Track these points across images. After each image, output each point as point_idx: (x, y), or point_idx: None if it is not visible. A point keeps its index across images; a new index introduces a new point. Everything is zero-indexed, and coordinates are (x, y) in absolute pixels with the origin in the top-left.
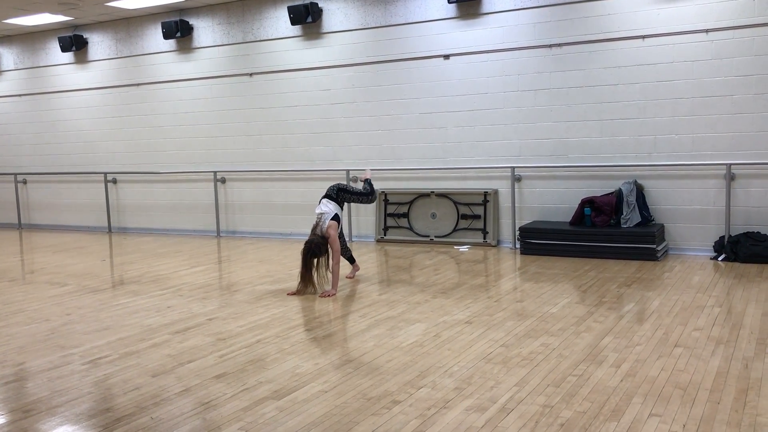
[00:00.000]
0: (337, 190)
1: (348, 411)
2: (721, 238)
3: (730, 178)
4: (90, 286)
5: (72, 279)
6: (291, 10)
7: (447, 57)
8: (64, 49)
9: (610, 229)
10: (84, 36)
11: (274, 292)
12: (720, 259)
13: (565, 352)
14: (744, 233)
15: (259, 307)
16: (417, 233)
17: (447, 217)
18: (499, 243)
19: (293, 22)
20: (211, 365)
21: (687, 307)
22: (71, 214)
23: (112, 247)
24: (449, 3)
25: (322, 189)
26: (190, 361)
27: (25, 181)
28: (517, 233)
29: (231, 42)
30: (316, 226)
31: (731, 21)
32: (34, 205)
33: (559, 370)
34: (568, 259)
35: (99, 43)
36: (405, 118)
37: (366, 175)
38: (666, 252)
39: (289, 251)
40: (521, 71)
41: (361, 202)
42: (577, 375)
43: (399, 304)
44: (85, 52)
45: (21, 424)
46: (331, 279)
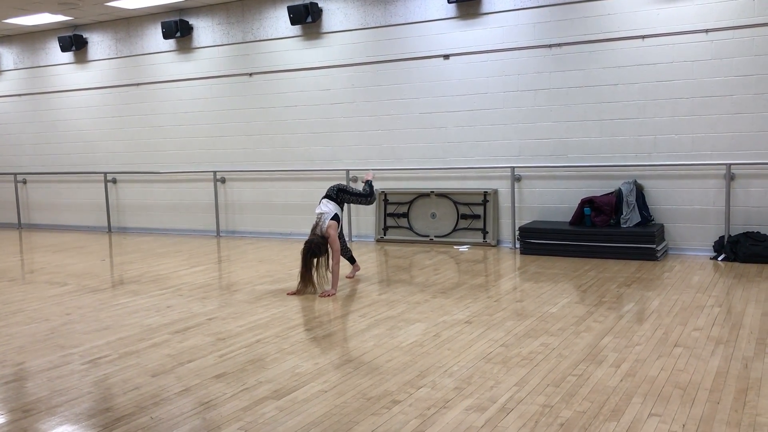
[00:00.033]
0: (337, 191)
1: (348, 411)
2: (721, 238)
3: (730, 178)
4: (90, 286)
5: (72, 279)
6: (291, 10)
7: (447, 57)
8: (63, 48)
9: (609, 229)
10: (84, 36)
11: (274, 291)
12: (720, 259)
13: (565, 351)
14: (744, 233)
15: (259, 307)
16: (417, 233)
17: (447, 217)
18: (498, 243)
19: (293, 22)
20: (210, 365)
21: (687, 307)
22: (71, 213)
23: (111, 246)
24: (449, 3)
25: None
26: (189, 361)
27: (24, 181)
28: (516, 233)
29: (231, 42)
30: (316, 226)
31: (731, 21)
32: (33, 205)
33: (558, 370)
34: (567, 259)
35: (99, 43)
36: (405, 118)
37: (368, 176)
38: (666, 252)
39: (288, 251)
40: (521, 71)
41: (359, 203)
42: (576, 375)
43: (399, 303)
44: (85, 52)
45: (21, 424)
46: (330, 279)
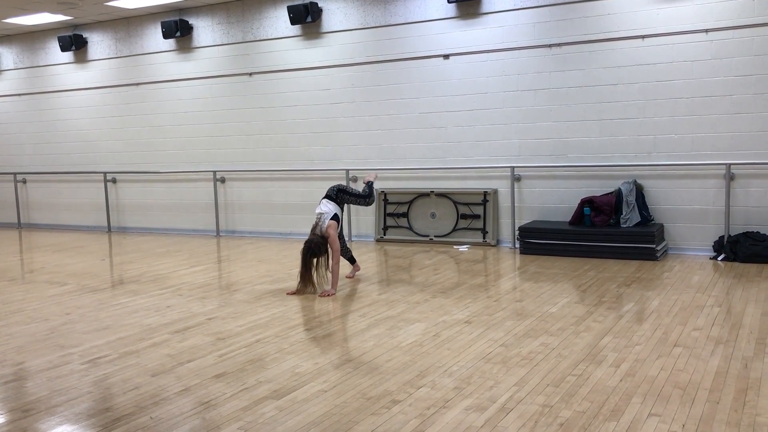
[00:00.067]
0: (337, 191)
1: (347, 410)
2: (721, 237)
3: (730, 177)
4: (89, 286)
5: (71, 278)
6: (291, 9)
7: (447, 57)
8: (63, 48)
9: (609, 229)
10: (84, 35)
11: (274, 291)
12: (719, 258)
13: (565, 351)
14: (743, 233)
15: (259, 307)
16: (416, 233)
17: (446, 216)
18: (498, 243)
19: (293, 22)
20: (210, 365)
21: (686, 306)
22: (71, 213)
23: (111, 246)
24: (449, 3)
25: (322, 189)
26: (189, 361)
27: (24, 181)
28: (516, 233)
29: (231, 41)
30: (316, 226)
31: (731, 21)
32: (33, 205)
33: (558, 370)
34: (567, 258)
35: (98, 43)
36: (404, 118)
37: (370, 177)
38: (665, 252)
39: (288, 251)
40: (521, 71)
41: (358, 203)
42: (576, 375)
43: (398, 303)
44: (85, 52)
45: (20, 424)
46: (330, 279)
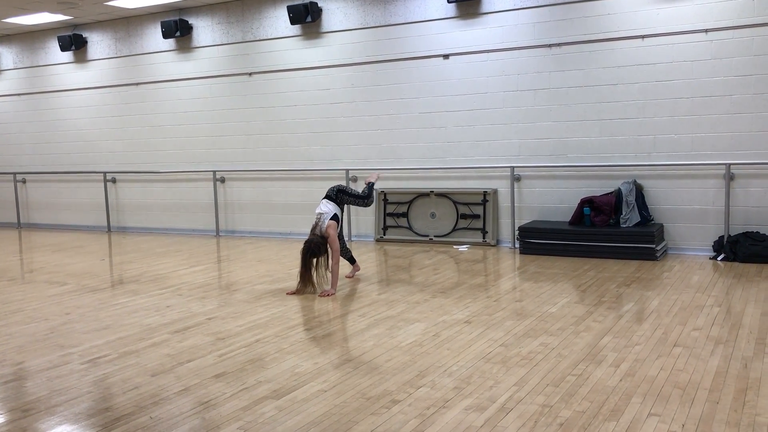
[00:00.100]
0: (337, 191)
1: (347, 410)
2: (721, 237)
3: (730, 177)
4: (89, 286)
5: (71, 278)
6: (290, 9)
7: (446, 57)
8: (63, 48)
9: (609, 229)
10: (83, 35)
11: (274, 291)
12: (719, 258)
13: (565, 351)
14: (743, 233)
15: (259, 307)
16: (416, 233)
17: (446, 216)
18: (498, 243)
19: (293, 22)
20: (210, 365)
21: (686, 306)
22: (70, 213)
23: (111, 246)
24: (449, 2)
25: (322, 188)
26: (189, 361)
27: (24, 181)
28: (516, 233)
29: (230, 41)
30: (316, 226)
31: (730, 21)
32: (33, 205)
33: (558, 370)
34: (567, 258)
35: (98, 43)
36: (404, 118)
37: (372, 178)
38: (665, 252)
39: (288, 251)
40: (521, 71)
41: (357, 204)
42: (576, 375)
43: (398, 303)
44: (85, 52)
45: (20, 424)
46: (330, 279)
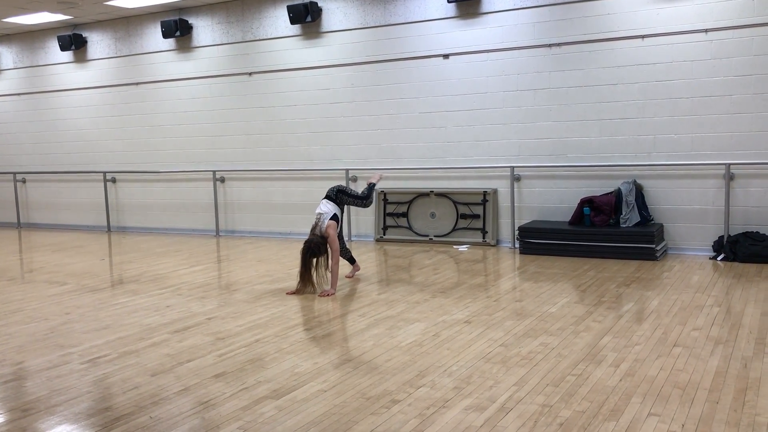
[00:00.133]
0: (336, 191)
1: (347, 410)
2: (720, 237)
3: (730, 177)
4: (89, 286)
5: (71, 278)
6: (290, 9)
7: (446, 56)
8: (63, 48)
9: (609, 229)
10: (83, 35)
11: (273, 291)
12: (719, 258)
13: (564, 351)
14: (743, 233)
15: (258, 307)
16: (416, 233)
17: (446, 216)
18: (498, 242)
19: (293, 22)
20: (210, 364)
21: (686, 306)
22: (70, 213)
23: (111, 246)
24: (449, 2)
25: (321, 188)
26: (189, 361)
27: (24, 180)
28: (516, 233)
29: (230, 41)
30: (315, 226)
31: (730, 21)
32: (33, 204)
33: (558, 370)
34: (567, 258)
35: (98, 42)
36: (404, 118)
37: (374, 179)
38: (665, 252)
39: (288, 251)
40: (520, 71)
41: (356, 205)
42: (576, 374)
43: (398, 303)
44: (85, 51)
45: (20, 423)
46: (330, 279)
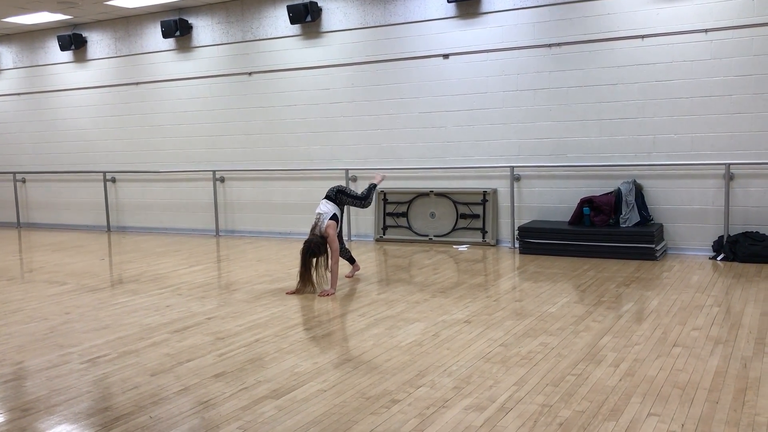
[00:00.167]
0: (336, 192)
1: (347, 410)
2: (720, 237)
3: (729, 177)
4: (89, 285)
5: (71, 278)
6: (290, 9)
7: (446, 56)
8: (63, 47)
9: (609, 229)
10: (83, 35)
11: (273, 291)
12: (719, 258)
13: (564, 351)
14: (743, 233)
15: (258, 307)
16: (416, 232)
17: (446, 216)
18: (498, 242)
19: (292, 21)
20: (209, 364)
21: (686, 306)
22: (70, 213)
23: (110, 246)
24: (448, 2)
25: (321, 188)
26: (188, 360)
27: (24, 180)
28: (516, 233)
29: (230, 41)
30: (315, 226)
31: (730, 21)
32: (33, 204)
33: (557, 370)
34: (567, 258)
35: (98, 42)
36: (404, 118)
37: (375, 179)
38: (665, 252)
39: (287, 250)
40: (520, 71)
41: (355, 205)
42: (575, 374)
43: (398, 303)
44: (84, 51)
45: (19, 423)
46: (330, 278)
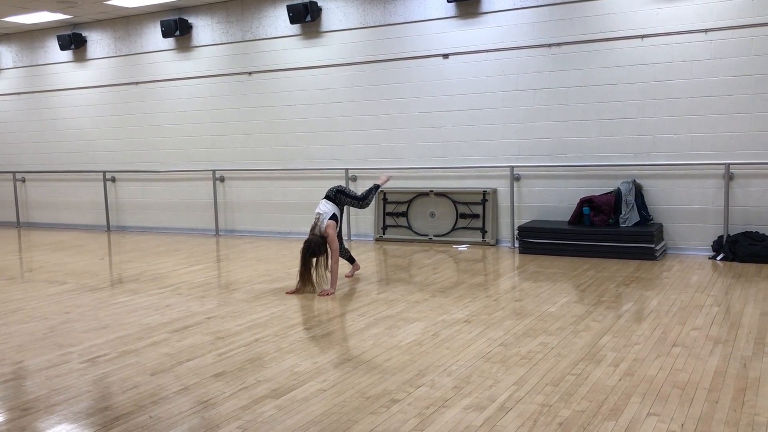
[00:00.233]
0: (336, 192)
1: (347, 410)
2: (720, 237)
3: (729, 177)
4: (89, 285)
5: (71, 277)
6: (290, 8)
7: (446, 56)
8: (63, 47)
9: (608, 229)
10: (83, 34)
11: (273, 290)
12: (718, 258)
13: (564, 351)
14: (742, 233)
15: (258, 306)
16: (416, 232)
17: (446, 216)
18: (497, 242)
19: (292, 21)
20: (209, 364)
21: (685, 306)
22: (70, 212)
23: (110, 245)
24: (448, 2)
25: (321, 188)
26: (188, 360)
27: (23, 180)
28: (515, 232)
29: (230, 41)
30: (315, 226)
31: (730, 21)
32: (32, 204)
33: (557, 370)
34: (566, 258)
35: (98, 42)
36: (404, 117)
37: (380, 180)
38: (664, 251)
39: (287, 250)
40: (520, 70)
41: (354, 206)
42: (575, 374)
43: (398, 303)
44: (84, 51)
45: (19, 423)
46: (329, 278)
